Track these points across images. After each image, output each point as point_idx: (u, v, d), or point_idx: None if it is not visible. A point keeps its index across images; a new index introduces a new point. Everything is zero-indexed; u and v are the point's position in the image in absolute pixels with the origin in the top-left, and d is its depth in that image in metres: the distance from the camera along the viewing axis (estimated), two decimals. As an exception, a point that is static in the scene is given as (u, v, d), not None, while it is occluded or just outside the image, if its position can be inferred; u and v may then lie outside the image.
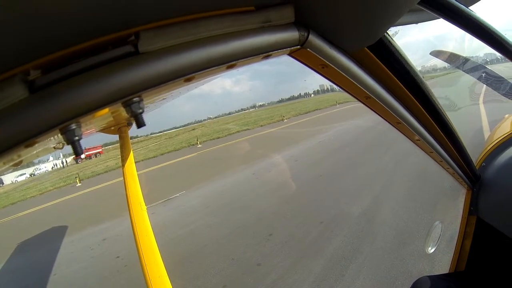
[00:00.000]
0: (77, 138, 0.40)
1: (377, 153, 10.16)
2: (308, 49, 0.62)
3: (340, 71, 0.71)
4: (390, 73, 0.86)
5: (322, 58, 0.65)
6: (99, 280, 5.53)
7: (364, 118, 18.40)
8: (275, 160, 12.80)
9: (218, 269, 5.18)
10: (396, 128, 1.12)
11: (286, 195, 8.28)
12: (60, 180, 20.30)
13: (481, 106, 13.15)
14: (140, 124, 0.44)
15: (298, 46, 0.60)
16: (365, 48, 0.75)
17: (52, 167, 34.19)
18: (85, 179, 18.65)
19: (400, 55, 0.84)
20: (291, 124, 26.20)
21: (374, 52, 0.78)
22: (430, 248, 2.02)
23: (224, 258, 5.50)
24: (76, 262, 6.43)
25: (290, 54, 0.65)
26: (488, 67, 3.00)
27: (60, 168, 32.72)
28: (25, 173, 32.21)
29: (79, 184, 17.25)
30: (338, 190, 7.79)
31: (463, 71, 2.87)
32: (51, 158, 35.07)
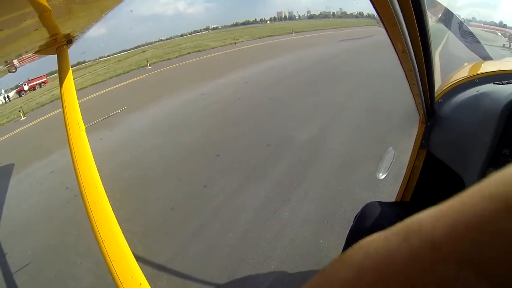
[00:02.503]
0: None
1: (329, 84, 10.29)
2: None
3: None
4: None
5: None
6: (50, 214, 5.35)
7: (319, 48, 18.31)
8: (225, 81, 12.79)
9: (166, 191, 5.21)
10: (387, 31, 1.00)
11: (234, 116, 8.36)
12: (2, 117, 19.01)
13: (437, 58, 13.27)
14: None
15: None
16: None
17: (-7, 105, 32.02)
18: (29, 111, 17.59)
19: None
20: (243, 47, 25.71)
21: None
22: (381, 174, 2.03)
23: (171, 180, 5.50)
24: (25, 201, 6.15)
25: None
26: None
27: (2, 104, 30.66)
28: (-37, 117, 30.02)
29: (23, 118, 16.18)
30: (286, 114, 7.87)
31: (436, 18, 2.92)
32: (-9, 96, 32.65)
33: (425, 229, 0.19)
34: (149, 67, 23.06)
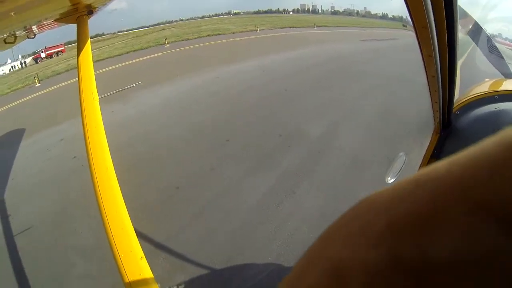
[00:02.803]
0: None
1: (346, 81, 10.15)
2: None
3: None
4: None
5: None
6: (56, 182, 5.41)
7: (340, 44, 18.11)
8: (242, 67, 12.54)
9: (172, 170, 5.21)
10: (417, 34, 0.99)
11: (247, 103, 8.27)
12: (18, 81, 19.16)
13: (457, 70, 13.08)
14: None
15: None
16: None
17: (10, 69, 32.29)
18: (45, 79, 17.73)
19: None
20: (264, 36, 25.52)
21: None
22: (389, 178, 2.00)
23: (179, 160, 5.52)
24: (33, 165, 6.23)
25: None
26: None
27: (19, 69, 30.91)
28: (-21, 79, 30.37)
29: (38, 85, 16.29)
30: (300, 107, 7.80)
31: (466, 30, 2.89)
32: (9, 61, 32.91)
33: (440, 173, 0.18)
34: (167, 46, 22.78)
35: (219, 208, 4.17)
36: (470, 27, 2.87)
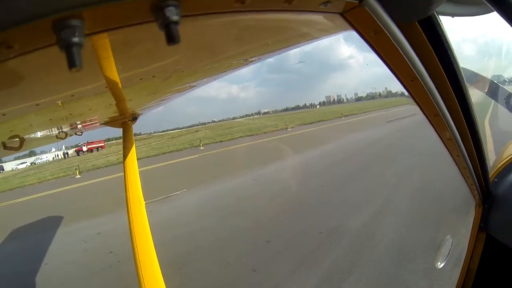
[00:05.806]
0: (76, 40, 0.29)
1: (379, 167, 10.10)
2: (366, 8, 0.51)
3: (393, 42, 0.61)
4: (436, 58, 0.76)
5: (378, 22, 0.55)
6: (90, 274, 5.42)
7: (369, 131, 18.43)
8: (277, 167, 12.76)
9: (214, 272, 5.08)
10: (430, 122, 1.04)
11: (286, 203, 8.18)
12: (60, 170, 20.32)
13: (487, 127, 13.06)
14: (173, 37, 0.31)
15: (357, 1, 0.50)
16: (417, 24, 0.66)
17: (54, 158, 34.46)
18: (85, 171, 18.64)
19: (447, 42, 0.75)
20: (295, 133, 26.22)
21: (425, 31, 0.69)
22: (439, 263, 1.94)
23: (220, 262, 5.39)
24: (68, 254, 6.35)
25: (344, 14, 0.54)
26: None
27: (62, 159, 32.91)
28: (26, 162, 32.79)
29: (78, 176, 17.21)
30: (338, 201, 7.69)
31: (484, 92, 2.81)
32: (53, 149, 35.42)
33: None
34: (201, 148, 23.90)
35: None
36: (486, 89, 2.72)
